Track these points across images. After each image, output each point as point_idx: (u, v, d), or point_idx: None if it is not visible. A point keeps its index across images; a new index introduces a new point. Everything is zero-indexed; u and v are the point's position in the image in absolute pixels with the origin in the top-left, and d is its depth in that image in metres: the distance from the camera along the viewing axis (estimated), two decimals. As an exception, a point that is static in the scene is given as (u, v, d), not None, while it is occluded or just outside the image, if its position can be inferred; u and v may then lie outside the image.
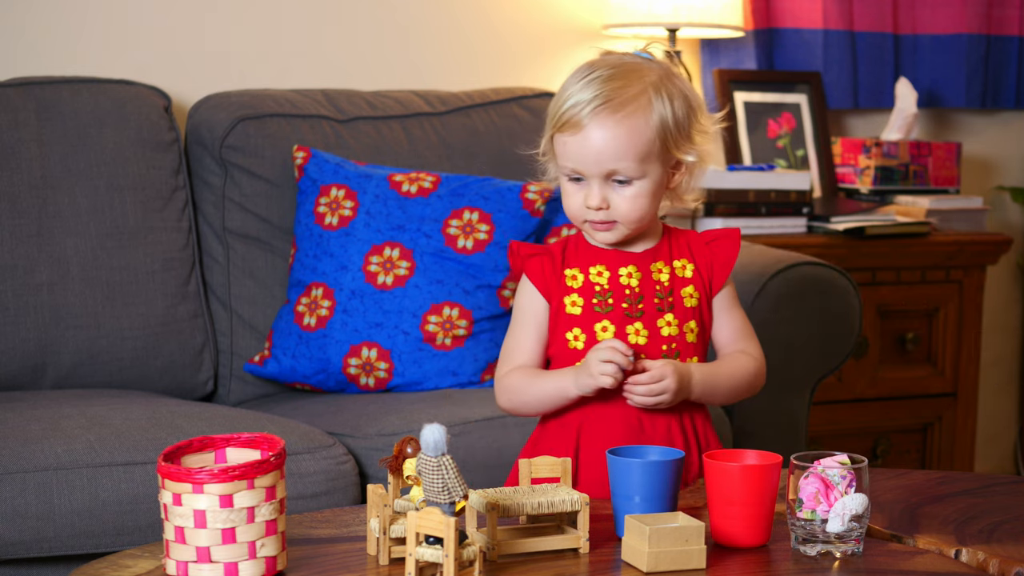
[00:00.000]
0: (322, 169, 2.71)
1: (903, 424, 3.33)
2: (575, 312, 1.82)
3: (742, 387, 1.88)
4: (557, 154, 1.79)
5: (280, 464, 1.44)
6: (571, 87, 1.77)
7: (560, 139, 1.77)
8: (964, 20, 3.70)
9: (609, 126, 1.75)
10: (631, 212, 1.80)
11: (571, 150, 1.76)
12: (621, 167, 1.77)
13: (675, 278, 1.85)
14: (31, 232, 2.56)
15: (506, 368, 1.86)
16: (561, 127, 1.76)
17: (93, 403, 2.33)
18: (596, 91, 1.74)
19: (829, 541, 1.53)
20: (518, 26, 3.30)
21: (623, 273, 1.83)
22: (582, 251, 1.85)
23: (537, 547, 1.52)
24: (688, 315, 1.84)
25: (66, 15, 2.91)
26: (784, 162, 3.50)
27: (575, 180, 1.79)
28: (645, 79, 1.77)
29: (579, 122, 1.74)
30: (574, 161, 1.77)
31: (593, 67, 1.78)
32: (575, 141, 1.76)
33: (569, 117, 1.75)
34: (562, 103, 1.76)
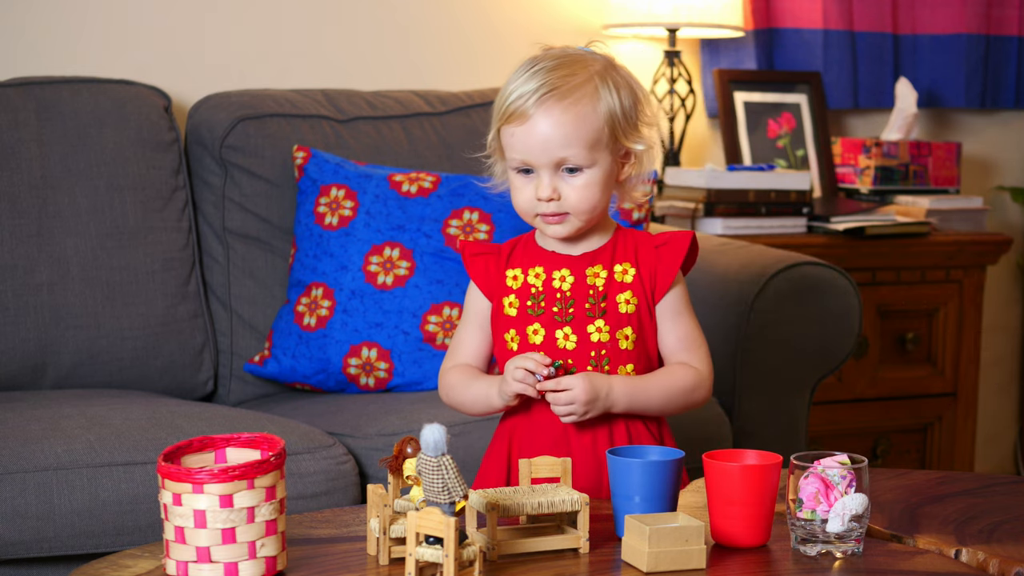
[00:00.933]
0: (322, 169, 2.71)
1: (903, 424, 3.33)
2: (511, 313, 1.82)
3: (676, 400, 1.82)
4: (505, 147, 1.78)
5: (280, 464, 1.44)
6: (515, 80, 1.76)
7: (507, 131, 1.76)
8: (964, 20, 3.70)
9: (556, 113, 1.74)
10: (582, 202, 1.77)
11: (518, 141, 1.75)
12: (570, 155, 1.75)
13: (612, 283, 1.81)
14: (31, 232, 2.56)
15: (449, 364, 1.88)
16: (508, 119, 1.75)
17: (93, 403, 2.33)
18: (541, 80, 1.74)
19: (829, 541, 1.53)
20: (518, 26, 3.30)
21: (556, 276, 1.81)
22: (528, 252, 1.84)
23: (537, 547, 1.52)
24: (622, 321, 1.80)
25: (66, 15, 2.92)
26: (784, 162, 3.50)
27: (524, 173, 1.78)
28: (590, 68, 1.77)
29: (525, 112, 1.74)
30: (522, 152, 1.75)
31: (536, 60, 1.77)
32: (522, 131, 1.74)
33: (515, 108, 1.74)
34: (507, 96, 1.75)
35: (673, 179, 3.27)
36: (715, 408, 2.56)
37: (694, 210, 3.15)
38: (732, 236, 3.09)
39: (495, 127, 1.79)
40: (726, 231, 3.13)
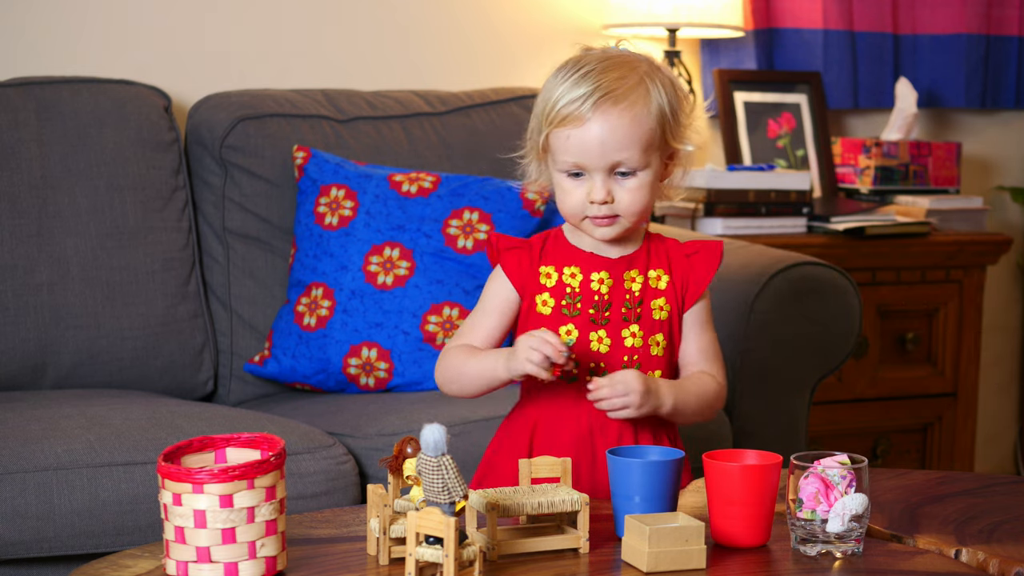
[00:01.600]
0: (322, 169, 2.71)
1: (903, 424, 3.33)
2: (545, 312, 1.80)
3: (705, 409, 1.84)
4: (555, 150, 1.76)
5: (280, 464, 1.44)
6: (563, 83, 1.75)
7: (560, 134, 1.75)
8: (964, 20, 3.70)
9: (613, 117, 1.73)
10: (633, 204, 1.77)
11: (574, 144, 1.74)
12: (625, 158, 1.75)
13: (647, 288, 1.82)
14: (31, 232, 2.56)
15: (454, 344, 1.84)
16: (561, 122, 1.74)
17: (93, 403, 2.33)
18: (595, 83, 1.73)
19: (829, 541, 1.53)
20: (518, 26, 3.30)
21: (595, 278, 1.81)
22: (560, 249, 1.82)
23: (537, 547, 1.52)
24: (655, 328, 1.81)
25: (66, 15, 2.92)
26: (784, 162, 3.50)
27: (573, 176, 1.77)
28: (639, 70, 1.77)
29: (581, 115, 1.73)
30: (576, 155, 1.75)
31: (581, 61, 1.76)
32: (578, 135, 1.74)
33: (570, 112, 1.73)
34: (557, 99, 1.74)
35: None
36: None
37: (694, 210, 3.15)
38: (732, 236, 3.09)
39: (543, 130, 1.77)
40: (726, 231, 3.13)
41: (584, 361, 1.79)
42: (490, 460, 1.88)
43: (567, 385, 1.81)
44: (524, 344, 1.71)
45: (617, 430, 1.81)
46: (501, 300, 1.83)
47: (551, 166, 1.79)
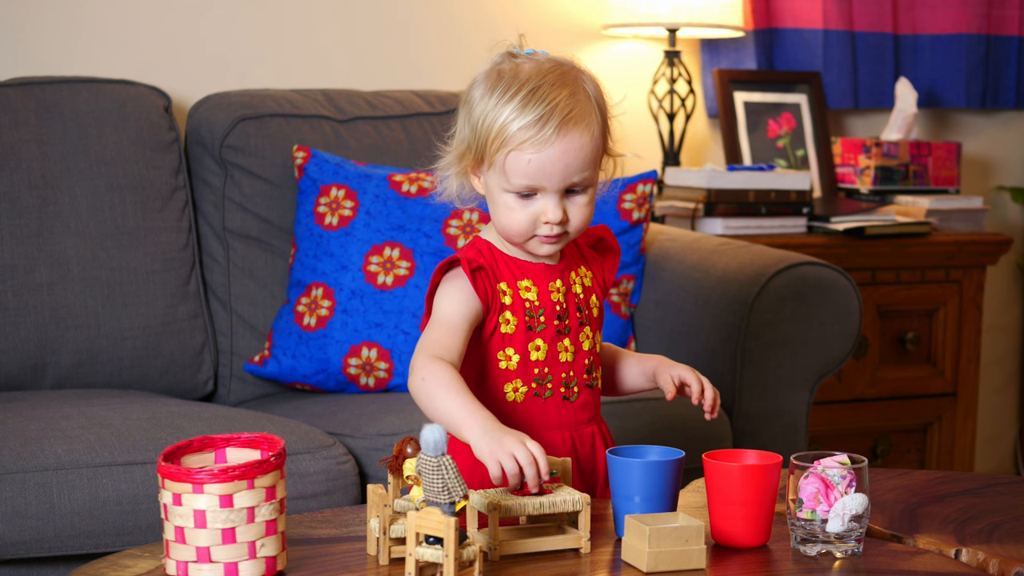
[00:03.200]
0: (322, 169, 2.71)
1: (903, 424, 3.33)
2: (508, 331, 1.73)
3: None
4: (508, 171, 1.67)
5: (280, 464, 1.44)
6: (510, 101, 1.67)
7: (518, 157, 1.66)
8: (964, 20, 3.70)
9: (575, 138, 1.67)
10: (584, 220, 1.71)
11: (534, 167, 1.66)
12: (583, 178, 1.69)
13: (585, 288, 1.78)
14: (31, 232, 2.56)
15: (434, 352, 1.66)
16: (520, 145, 1.66)
17: (93, 403, 2.33)
18: (551, 104, 1.66)
19: (829, 541, 1.53)
20: (518, 26, 3.30)
21: (552, 288, 1.75)
22: (503, 262, 1.75)
23: (538, 547, 1.52)
24: (596, 325, 1.78)
25: (66, 15, 2.92)
26: (784, 162, 3.50)
27: (524, 196, 1.69)
28: (579, 81, 1.70)
29: (544, 139, 1.65)
30: (535, 178, 1.67)
31: (520, 76, 1.68)
32: (539, 159, 1.66)
33: (530, 135, 1.66)
34: (509, 120, 1.66)
35: (673, 179, 3.27)
36: (715, 408, 2.56)
37: (694, 210, 3.15)
38: (732, 236, 3.09)
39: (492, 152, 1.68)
40: (726, 231, 3.13)
41: (556, 374, 1.74)
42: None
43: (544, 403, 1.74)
44: (509, 458, 1.53)
45: (591, 439, 1.77)
46: (470, 318, 1.71)
47: (494, 183, 1.71)
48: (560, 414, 1.75)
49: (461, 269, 1.71)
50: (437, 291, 1.73)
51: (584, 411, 1.76)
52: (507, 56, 1.71)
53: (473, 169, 1.73)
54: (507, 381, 1.72)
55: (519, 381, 1.72)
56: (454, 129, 1.74)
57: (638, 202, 2.76)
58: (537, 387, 1.73)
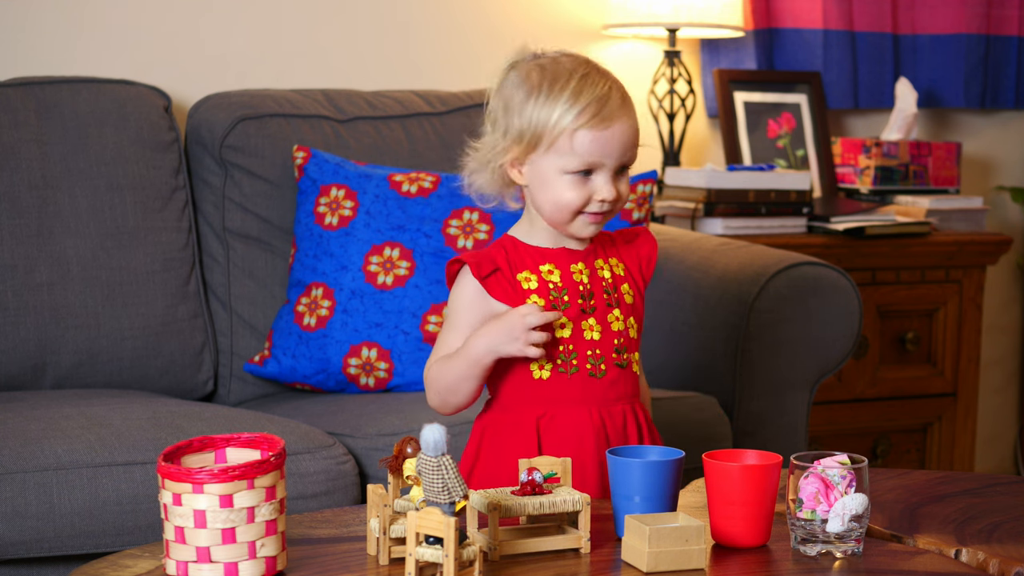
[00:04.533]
0: (322, 169, 2.71)
1: (903, 424, 3.33)
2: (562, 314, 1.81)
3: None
4: (572, 149, 1.78)
5: (280, 464, 1.44)
6: (568, 87, 1.78)
7: (583, 135, 1.78)
8: (963, 20, 3.70)
9: (629, 117, 1.81)
10: (627, 197, 1.84)
11: (598, 145, 1.78)
12: (632, 155, 1.82)
13: (615, 275, 1.87)
14: (31, 232, 2.56)
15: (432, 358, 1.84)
16: (588, 123, 1.77)
17: (93, 403, 2.33)
18: (607, 86, 1.79)
19: (829, 541, 1.53)
20: (518, 26, 3.30)
21: (574, 270, 1.84)
22: (523, 253, 1.84)
23: (538, 547, 1.52)
24: (628, 311, 1.86)
25: (66, 15, 2.92)
26: (784, 162, 3.50)
27: (582, 175, 1.80)
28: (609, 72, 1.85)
29: (611, 115, 1.78)
30: (598, 155, 1.78)
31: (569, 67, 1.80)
32: (604, 135, 1.78)
33: (597, 111, 1.78)
34: (575, 102, 1.77)
35: (673, 179, 3.27)
36: (715, 408, 2.56)
37: (694, 210, 3.15)
38: (732, 236, 3.09)
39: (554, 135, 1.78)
40: (726, 231, 3.13)
41: (581, 351, 1.81)
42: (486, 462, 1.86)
43: (570, 380, 1.81)
44: (521, 324, 1.75)
45: (621, 417, 1.83)
46: (474, 316, 1.82)
47: (550, 166, 1.80)
48: (586, 391, 1.82)
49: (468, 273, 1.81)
50: (454, 285, 1.85)
51: (613, 389, 1.83)
52: (532, 56, 1.84)
53: (515, 162, 1.82)
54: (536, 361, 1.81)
55: (544, 359, 1.80)
56: (486, 128, 1.85)
57: (638, 202, 2.76)
58: (562, 364, 1.81)
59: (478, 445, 1.85)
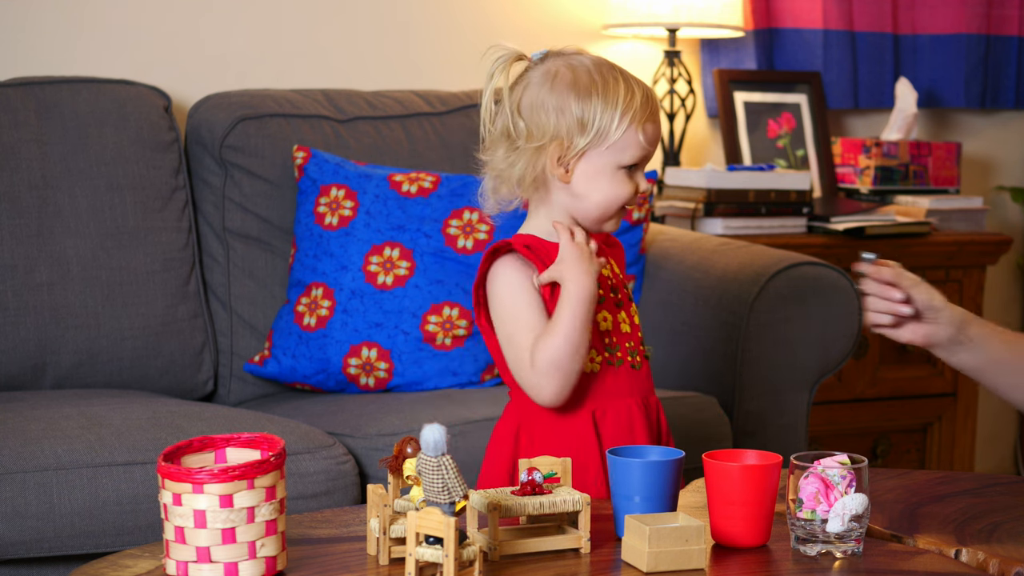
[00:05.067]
0: (322, 169, 2.71)
1: (903, 424, 3.33)
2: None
3: None
4: (631, 144, 1.82)
5: (280, 464, 1.44)
6: (619, 86, 1.82)
7: (649, 128, 1.83)
8: (964, 20, 3.70)
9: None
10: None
11: (651, 137, 1.84)
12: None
13: (614, 272, 1.91)
14: (31, 232, 2.56)
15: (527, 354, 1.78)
16: (644, 118, 1.82)
17: (93, 403, 2.33)
18: (641, 83, 1.85)
19: (829, 541, 1.53)
20: (518, 26, 3.30)
21: (616, 264, 1.90)
22: (552, 250, 1.83)
23: (538, 547, 1.52)
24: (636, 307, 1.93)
25: (66, 15, 2.92)
26: (784, 162, 3.50)
27: (630, 169, 1.84)
28: None
29: (656, 110, 1.85)
30: (648, 147, 1.84)
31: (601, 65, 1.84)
32: (654, 128, 1.85)
33: (652, 106, 1.84)
34: (631, 99, 1.82)
35: (673, 179, 3.27)
36: (715, 408, 2.56)
37: (694, 210, 3.15)
38: (732, 236, 3.09)
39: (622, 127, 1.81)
40: (726, 231, 3.13)
41: (622, 343, 1.85)
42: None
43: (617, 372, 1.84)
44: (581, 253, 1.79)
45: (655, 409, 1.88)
46: (533, 294, 1.81)
47: (605, 163, 1.82)
48: (632, 382, 1.86)
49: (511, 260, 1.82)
50: (499, 285, 1.82)
51: (648, 380, 1.89)
52: (553, 55, 1.87)
53: (561, 161, 1.83)
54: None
55: (594, 351, 1.82)
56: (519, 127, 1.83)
57: (638, 202, 2.76)
58: (609, 356, 1.84)
59: (515, 442, 1.83)
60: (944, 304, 1.87)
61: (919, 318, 1.87)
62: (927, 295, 1.88)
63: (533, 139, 1.82)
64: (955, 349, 1.87)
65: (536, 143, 1.82)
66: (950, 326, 1.86)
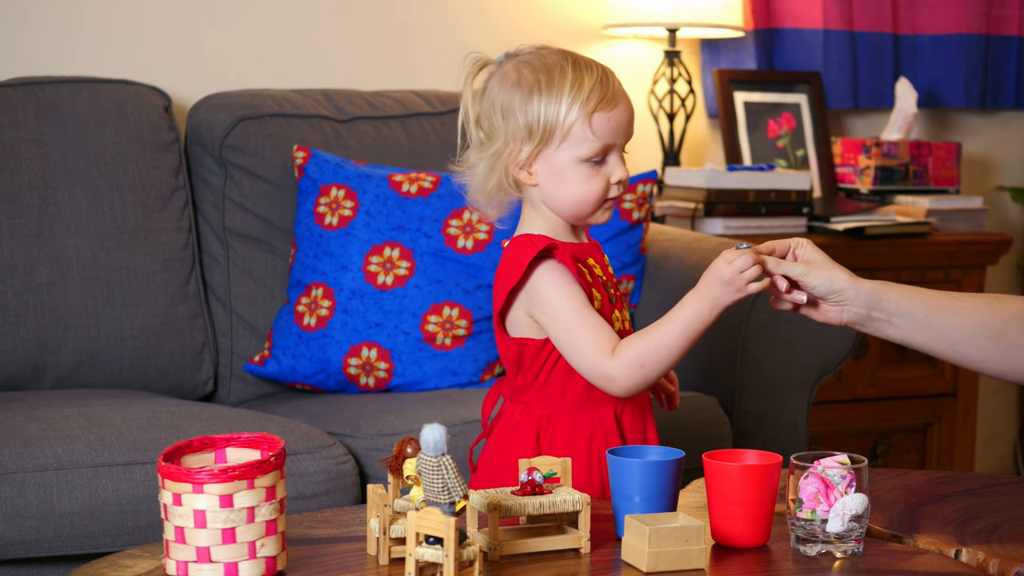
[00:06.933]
0: (322, 169, 2.71)
1: (903, 424, 3.33)
2: (598, 307, 1.82)
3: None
4: (591, 135, 1.79)
5: (280, 464, 1.44)
6: (567, 77, 1.79)
7: (598, 117, 1.79)
8: (963, 20, 3.70)
9: (626, 94, 1.83)
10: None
11: (612, 125, 1.80)
12: (632, 132, 1.84)
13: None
14: (31, 232, 2.56)
15: (608, 348, 1.78)
16: (600, 104, 1.79)
17: (93, 403, 2.33)
18: (598, 68, 1.81)
19: (829, 541, 1.53)
20: (518, 26, 3.30)
21: (605, 263, 1.88)
22: (568, 250, 1.83)
23: (538, 547, 1.52)
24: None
25: (66, 15, 2.92)
26: (784, 162, 3.50)
27: (595, 163, 1.81)
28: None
29: (616, 95, 1.80)
30: (614, 135, 1.80)
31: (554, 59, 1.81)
32: (615, 114, 1.80)
33: (604, 92, 1.79)
34: (580, 88, 1.78)
35: (673, 179, 3.27)
36: (715, 408, 2.56)
37: (694, 210, 3.15)
38: (732, 236, 3.08)
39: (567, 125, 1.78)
40: (726, 231, 3.13)
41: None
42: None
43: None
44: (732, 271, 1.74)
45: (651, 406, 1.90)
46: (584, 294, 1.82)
47: (566, 159, 1.80)
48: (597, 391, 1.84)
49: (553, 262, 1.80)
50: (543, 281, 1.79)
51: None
52: (510, 57, 1.84)
53: (524, 164, 1.81)
54: None
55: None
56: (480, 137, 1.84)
57: (638, 202, 2.76)
58: None
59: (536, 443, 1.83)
60: (849, 283, 1.77)
61: (823, 302, 1.78)
62: (826, 279, 1.77)
63: (489, 145, 1.83)
64: (876, 327, 1.78)
65: (492, 148, 1.82)
66: (859, 306, 1.77)
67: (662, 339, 1.78)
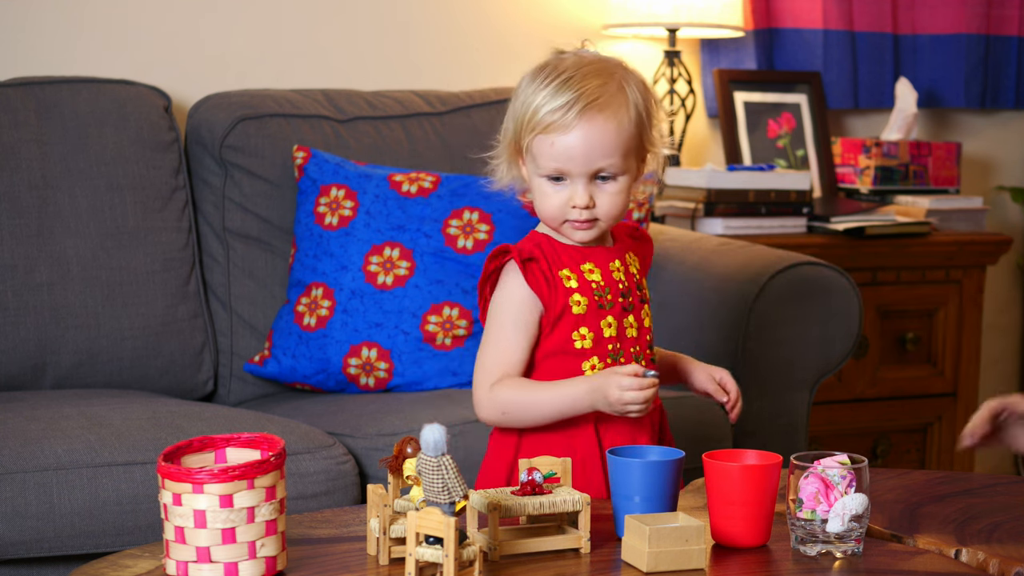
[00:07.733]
0: (322, 169, 2.71)
1: (903, 424, 3.33)
2: (580, 312, 1.81)
3: None
4: (537, 155, 1.78)
5: (280, 464, 1.44)
6: (543, 88, 1.77)
7: (543, 140, 1.77)
8: (963, 20, 3.70)
9: (598, 124, 1.76)
10: (613, 208, 1.81)
11: (558, 151, 1.77)
12: (607, 164, 1.78)
13: (638, 270, 1.89)
14: (31, 232, 2.56)
15: (495, 376, 1.81)
16: (545, 129, 1.76)
17: (93, 403, 2.33)
18: (578, 90, 1.75)
19: (829, 541, 1.53)
20: (518, 26, 3.30)
21: (612, 268, 1.85)
22: (562, 251, 1.83)
23: (538, 547, 1.52)
24: (649, 306, 1.90)
25: (66, 15, 2.92)
26: (784, 162, 3.50)
27: (555, 180, 1.79)
28: (616, 76, 1.79)
29: (567, 123, 1.75)
30: (561, 161, 1.77)
31: (559, 67, 1.78)
32: (562, 141, 1.76)
33: (554, 119, 1.75)
34: (539, 105, 1.76)
35: (673, 179, 3.27)
36: (715, 408, 2.56)
37: (694, 210, 3.15)
38: (732, 236, 3.09)
39: (525, 136, 1.78)
40: (726, 231, 3.13)
41: (626, 348, 1.83)
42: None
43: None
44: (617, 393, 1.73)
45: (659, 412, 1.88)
46: (529, 314, 1.81)
47: (530, 170, 1.81)
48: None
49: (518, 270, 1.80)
50: (500, 284, 1.83)
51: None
52: (555, 52, 1.83)
53: (519, 158, 1.83)
54: (584, 359, 1.81)
55: (595, 358, 1.81)
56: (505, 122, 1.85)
57: (638, 202, 2.76)
58: (612, 363, 1.81)
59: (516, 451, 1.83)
60: None
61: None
62: None
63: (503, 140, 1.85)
64: None
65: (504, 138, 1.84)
66: None
67: (536, 401, 1.79)
